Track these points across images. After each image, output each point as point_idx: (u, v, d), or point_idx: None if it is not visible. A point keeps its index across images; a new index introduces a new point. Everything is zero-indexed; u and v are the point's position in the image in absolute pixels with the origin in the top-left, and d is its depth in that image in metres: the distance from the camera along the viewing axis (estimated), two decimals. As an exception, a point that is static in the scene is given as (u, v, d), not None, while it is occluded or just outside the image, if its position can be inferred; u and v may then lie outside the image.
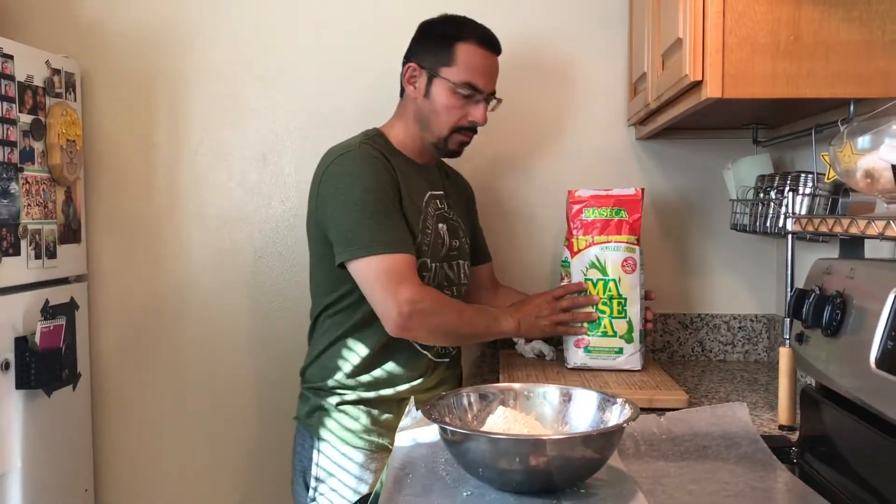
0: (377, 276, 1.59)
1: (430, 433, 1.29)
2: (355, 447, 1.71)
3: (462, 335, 1.73)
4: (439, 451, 1.24)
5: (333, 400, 1.72)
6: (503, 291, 2.08)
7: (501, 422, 1.17)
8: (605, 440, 1.08)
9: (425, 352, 1.76)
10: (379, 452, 1.72)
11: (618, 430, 1.09)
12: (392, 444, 1.45)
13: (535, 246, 2.25)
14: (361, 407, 1.72)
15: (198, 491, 2.38)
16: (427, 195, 1.77)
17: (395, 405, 1.73)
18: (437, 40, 1.75)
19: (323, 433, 1.72)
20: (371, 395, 1.72)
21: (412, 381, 1.74)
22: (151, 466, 2.39)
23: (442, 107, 1.72)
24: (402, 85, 1.80)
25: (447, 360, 1.83)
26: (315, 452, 1.73)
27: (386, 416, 1.73)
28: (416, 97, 1.75)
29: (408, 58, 1.79)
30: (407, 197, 1.70)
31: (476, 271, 2.00)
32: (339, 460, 1.72)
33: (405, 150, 1.78)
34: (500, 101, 1.81)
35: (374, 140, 1.74)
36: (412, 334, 1.64)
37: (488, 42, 1.75)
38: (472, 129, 1.78)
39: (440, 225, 1.78)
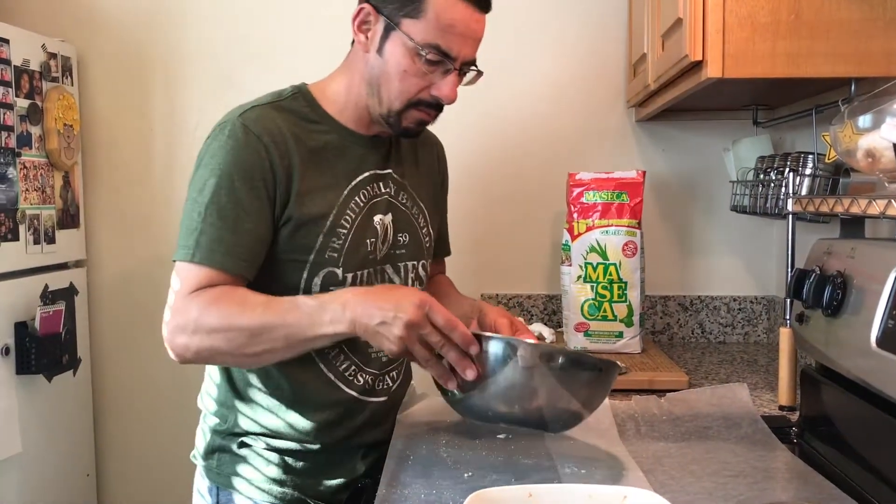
0: (172, 287, 1.27)
1: (429, 409, 1.30)
2: (263, 499, 1.34)
3: (255, 353, 1.22)
4: (440, 433, 1.24)
5: (237, 441, 1.36)
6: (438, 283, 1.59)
7: None
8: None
9: (345, 388, 1.33)
10: None
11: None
12: (307, 496, 1.32)
13: (533, 229, 2.24)
14: (273, 454, 1.34)
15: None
16: (361, 177, 1.33)
17: (312, 455, 1.35)
18: None
19: (224, 480, 1.36)
20: (281, 444, 1.34)
21: (330, 428, 1.34)
22: (152, 451, 2.39)
23: (397, 71, 1.26)
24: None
25: (384, 398, 1.37)
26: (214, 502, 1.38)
27: (301, 464, 1.35)
28: (367, 51, 1.29)
29: None
30: (311, 185, 1.28)
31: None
32: None
33: (342, 117, 1.34)
34: (479, 73, 1.32)
35: (283, 104, 1.34)
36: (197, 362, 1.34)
37: None
38: (435, 106, 1.30)
39: (377, 217, 1.34)
